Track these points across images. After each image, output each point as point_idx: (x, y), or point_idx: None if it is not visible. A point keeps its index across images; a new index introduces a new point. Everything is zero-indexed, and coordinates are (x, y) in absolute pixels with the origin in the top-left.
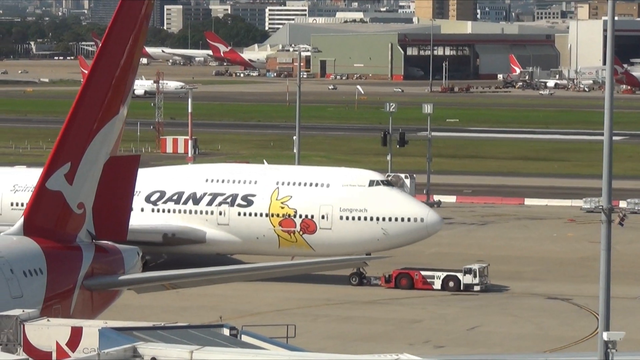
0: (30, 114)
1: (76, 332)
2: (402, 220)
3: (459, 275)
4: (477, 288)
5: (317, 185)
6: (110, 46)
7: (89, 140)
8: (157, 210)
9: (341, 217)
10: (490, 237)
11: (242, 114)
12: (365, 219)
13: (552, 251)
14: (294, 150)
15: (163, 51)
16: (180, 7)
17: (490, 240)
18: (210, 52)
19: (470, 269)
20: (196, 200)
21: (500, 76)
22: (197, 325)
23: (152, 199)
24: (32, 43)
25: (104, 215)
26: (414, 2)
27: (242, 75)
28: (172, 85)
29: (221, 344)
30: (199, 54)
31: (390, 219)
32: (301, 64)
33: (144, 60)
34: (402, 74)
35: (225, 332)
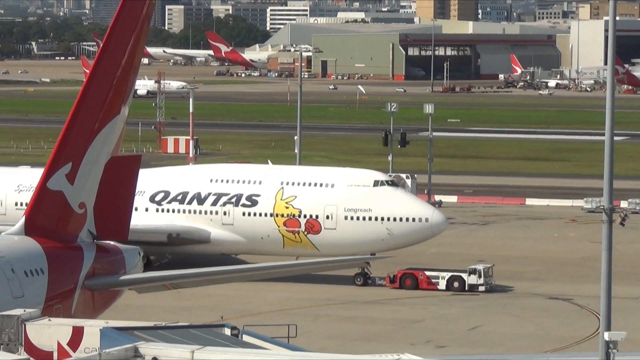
0: (31, 113)
1: (77, 332)
2: (407, 220)
3: (464, 276)
4: (482, 288)
5: (321, 185)
6: (112, 46)
7: (90, 140)
8: (162, 210)
9: (346, 217)
10: (492, 237)
11: (244, 114)
12: (369, 219)
13: (553, 251)
14: (295, 151)
15: (164, 51)
16: (182, 7)
17: (491, 240)
18: (211, 52)
19: (475, 270)
20: (201, 200)
21: (501, 76)
22: (198, 325)
23: (157, 199)
24: (33, 43)
25: (105, 215)
26: (415, 2)
27: (243, 75)
28: (174, 85)
29: (222, 343)
30: (200, 54)
31: (394, 219)
32: (302, 64)
33: (145, 60)
34: (403, 74)
35: (227, 332)
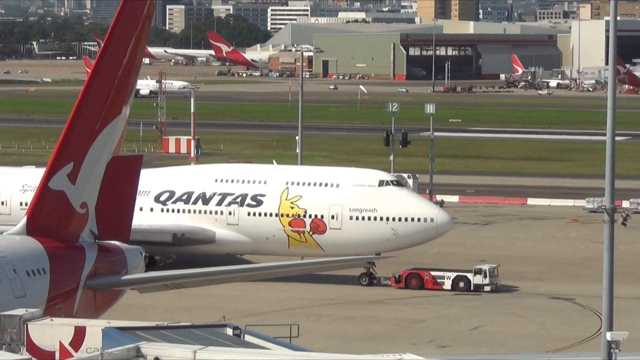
0: (32, 113)
1: (79, 332)
2: (412, 220)
3: (469, 276)
4: (487, 288)
5: (326, 185)
6: (113, 46)
7: (91, 140)
8: (167, 210)
9: (351, 217)
10: (493, 237)
11: (245, 114)
12: (375, 219)
13: (554, 251)
14: (297, 150)
15: (165, 51)
16: (183, 7)
17: (493, 240)
18: (212, 52)
19: (480, 269)
20: (206, 200)
21: (502, 76)
22: (200, 325)
23: (162, 199)
24: (34, 43)
25: (107, 215)
26: (416, 2)
27: (244, 75)
28: (176, 84)
29: (224, 343)
30: (202, 54)
31: (400, 219)
32: (303, 64)
33: (146, 60)
34: (404, 74)
35: (229, 331)
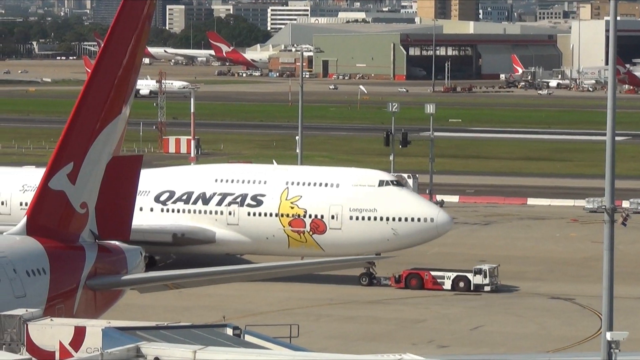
0: (32, 113)
1: (79, 332)
2: (412, 220)
3: (469, 276)
4: (488, 288)
5: (326, 185)
6: (113, 46)
7: (91, 140)
8: (167, 210)
9: (351, 217)
10: (493, 237)
11: (245, 114)
12: (375, 219)
13: (554, 251)
14: (297, 150)
15: (165, 51)
16: (183, 7)
17: (493, 240)
18: (212, 52)
19: (480, 269)
20: (206, 200)
21: (502, 76)
22: (200, 325)
23: (162, 199)
24: (34, 43)
25: (107, 215)
26: (416, 2)
27: (244, 75)
28: (176, 84)
29: (224, 343)
30: (201, 54)
31: (400, 219)
32: (303, 64)
33: (146, 60)
34: (404, 74)
35: (229, 331)
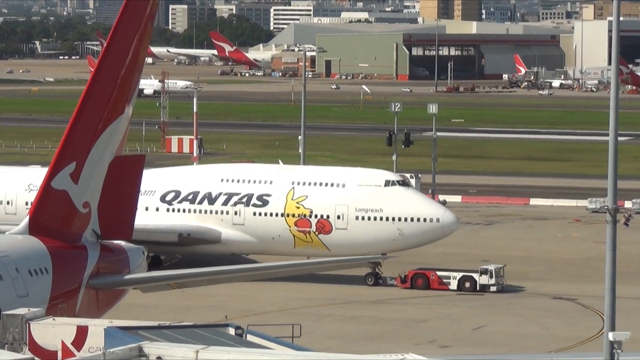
0: (35, 113)
1: (82, 331)
2: (418, 220)
3: (475, 276)
4: (494, 289)
5: (332, 185)
6: (116, 46)
7: (94, 139)
8: (173, 210)
9: (357, 217)
10: (496, 237)
11: (247, 113)
12: (381, 219)
13: (557, 251)
14: (299, 150)
15: (168, 51)
16: (185, 6)
17: (495, 240)
18: (215, 51)
19: (486, 270)
20: (211, 200)
21: (505, 76)
22: (202, 324)
23: (167, 198)
24: (37, 42)
25: (110, 215)
26: (419, 2)
27: (247, 75)
28: (180, 84)
29: (227, 343)
30: (204, 53)
31: (406, 219)
32: (306, 63)
33: (149, 59)
34: (407, 74)
35: (231, 331)
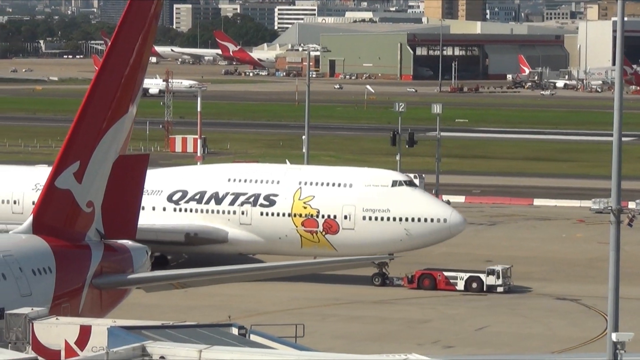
0: (39, 112)
1: (85, 331)
2: (425, 220)
3: (482, 277)
4: (500, 289)
5: (339, 185)
6: (120, 45)
7: (98, 139)
8: (179, 210)
9: (364, 218)
10: (499, 238)
11: (251, 113)
12: (388, 219)
13: (560, 252)
14: (303, 150)
15: (172, 50)
16: (190, 6)
17: (498, 241)
18: (219, 51)
19: (493, 270)
20: (218, 200)
21: (509, 76)
22: (205, 324)
23: (174, 198)
24: (41, 42)
25: (113, 214)
26: (423, 2)
27: (251, 74)
28: (186, 83)
29: (230, 343)
30: (208, 53)
31: (413, 220)
32: (310, 63)
33: (153, 59)
34: (411, 74)
35: (234, 331)
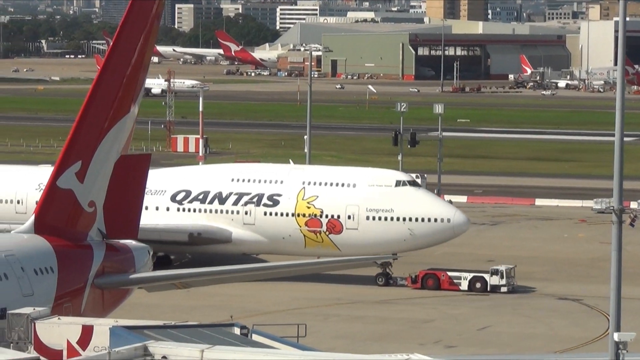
0: (40, 112)
1: (87, 331)
2: (429, 220)
3: (486, 276)
4: (504, 289)
5: (343, 185)
6: (122, 45)
7: (99, 138)
8: (183, 210)
9: (367, 218)
10: (501, 238)
11: (253, 113)
12: (391, 219)
13: (562, 252)
14: (305, 150)
15: (174, 50)
16: (192, 6)
17: (500, 241)
18: (221, 51)
19: (497, 270)
20: (222, 200)
21: (511, 76)
22: (207, 324)
23: (178, 198)
24: (43, 41)
25: (115, 214)
26: (425, 2)
27: (253, 74)
28: (188, 83)
29: (232, 343)
30: (210, 53)
31: (416, 219)
32: (312, 63)
33: (155, 59)
34: (413, 74)
35: (236, 331)
